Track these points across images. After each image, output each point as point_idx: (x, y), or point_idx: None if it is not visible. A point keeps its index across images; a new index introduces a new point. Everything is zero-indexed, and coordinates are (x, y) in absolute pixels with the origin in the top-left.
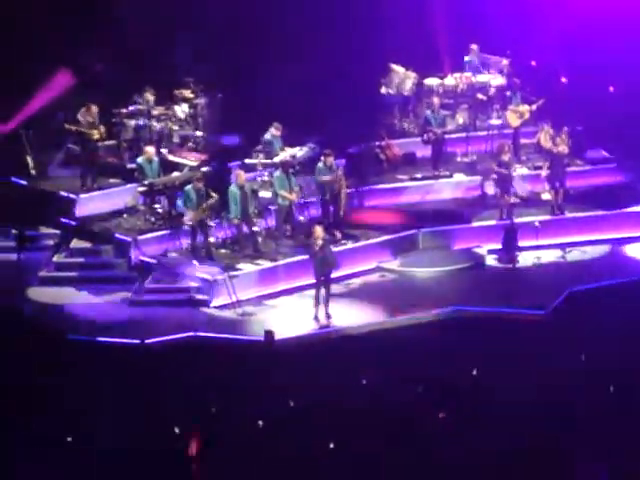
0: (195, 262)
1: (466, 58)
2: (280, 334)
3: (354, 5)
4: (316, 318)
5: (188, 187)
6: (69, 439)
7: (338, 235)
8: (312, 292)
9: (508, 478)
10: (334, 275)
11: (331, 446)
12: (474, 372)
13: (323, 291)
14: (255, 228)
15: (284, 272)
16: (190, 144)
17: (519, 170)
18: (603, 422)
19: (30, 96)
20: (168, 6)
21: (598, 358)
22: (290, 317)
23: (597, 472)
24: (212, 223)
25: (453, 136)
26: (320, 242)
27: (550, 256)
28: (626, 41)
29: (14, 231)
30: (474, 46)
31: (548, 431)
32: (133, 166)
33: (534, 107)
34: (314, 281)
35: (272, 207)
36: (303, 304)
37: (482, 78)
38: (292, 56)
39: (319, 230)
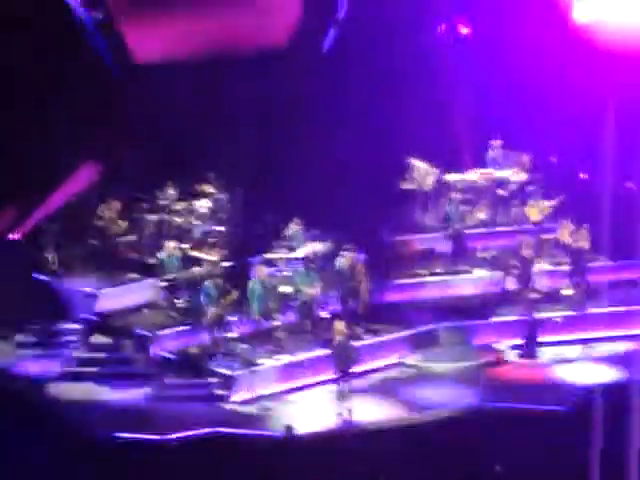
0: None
1: (489, 154)
2: (300, 430)
3: (376, 100)
4: (338, 413)
5: (208, 282)
6: None
7: (360, 331)
8: (333, 387)
9: None
10: (355, 370)
11: None
12: (497, 468)
13: (344, 386)
14: (276, 323)
15: (304, 367)
16: (211, 239)
17: (539, 265)
18: None
19: (51, 191)
20: (188, 100)
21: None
22: (310, 413)
23: None
24: (233, 318)
25: (473, 231)
26: (340, 337)
27: (572, 352)
28: None
29: (35, 327)
30: (495, 142)
31: None
32: (154, 261)
33: (555, 203)
34: (334, 376)
35: (292, 302)
36: (323, 399)
37: (502, 174)
38: (312, 152)
39: (339, 325)
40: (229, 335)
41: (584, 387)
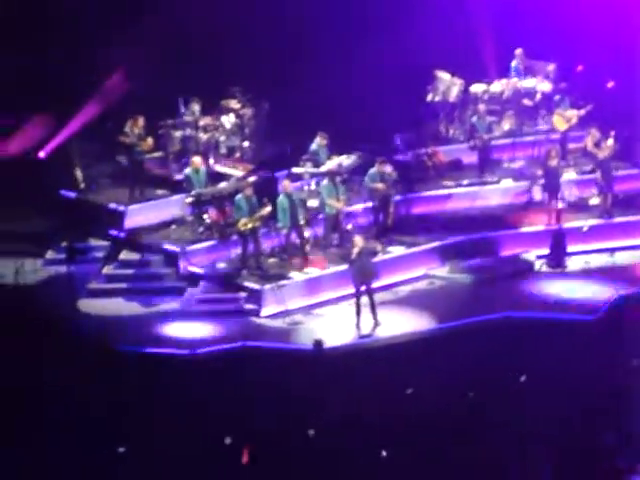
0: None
1: (512, 64)
2: (329, 343)
3: (400, 13)
4: (358, 327)
5: (239, 196)
6: (121, 450)
7: (378, 247)
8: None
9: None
10: (382, 283)
11: (383, 454)
12: (522, 379)
13: (366, 300)
14: (307, 235)
15: (332, 281)
16: (237, 154)
17: (567, 175)
18: None
19: (80, 106)
20: (213, 16)
21: None
22: (339, 326)
23: None
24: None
25: (500, 142)
26: (356, 251)
27: (599, 260)
28: None
29: (64, 244)
30: (519, 51)
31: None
32: (180, 177)
33: (582, 112)
34: (353, 290)
35: (320, 216)
36: (352, 312)
37: (528, 83)
38: (339, 64)
39: (358, 240)
40: (260, 249)
41: (611, 296)
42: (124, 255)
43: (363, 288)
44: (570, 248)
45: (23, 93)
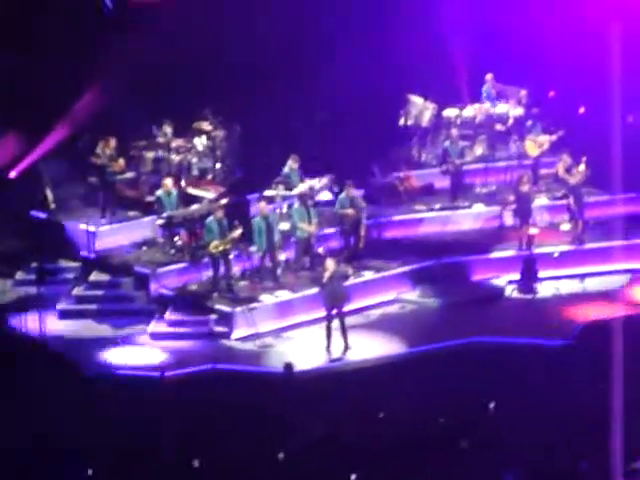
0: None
1: (484, 88)
2: (300, 366)
3: (372, 36)
4: (328, 350)
5: (210, 219)
6: (90, 472)
7: (349, 271)
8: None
9: None
10: (353, 306)
11: (352, 478)
12: (491, 406)
13: (337, 324)
14: (281, 258)
15: (303, 304)
16: (209, 176)
17: (539, 200)
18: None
19: (47, 129)
20: (186, 39)
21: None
22: (309, 349)
23: None
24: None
25: (472, 167)
26: (328, 275)
27: (569, 286)
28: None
29: (34, 264)
30: (489, 76)
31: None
32: (152, 199)
33: (554, 137)
34: (325, 314)
35: (292, 239)
36: (322, 336)
37: (500, 109)
38: (310, 87)
39: (330, 263)
40: (230, 271)
41: (582, 322)
42: (94, 276)
43: (334, 311)
44: (541, 274)
45: None
